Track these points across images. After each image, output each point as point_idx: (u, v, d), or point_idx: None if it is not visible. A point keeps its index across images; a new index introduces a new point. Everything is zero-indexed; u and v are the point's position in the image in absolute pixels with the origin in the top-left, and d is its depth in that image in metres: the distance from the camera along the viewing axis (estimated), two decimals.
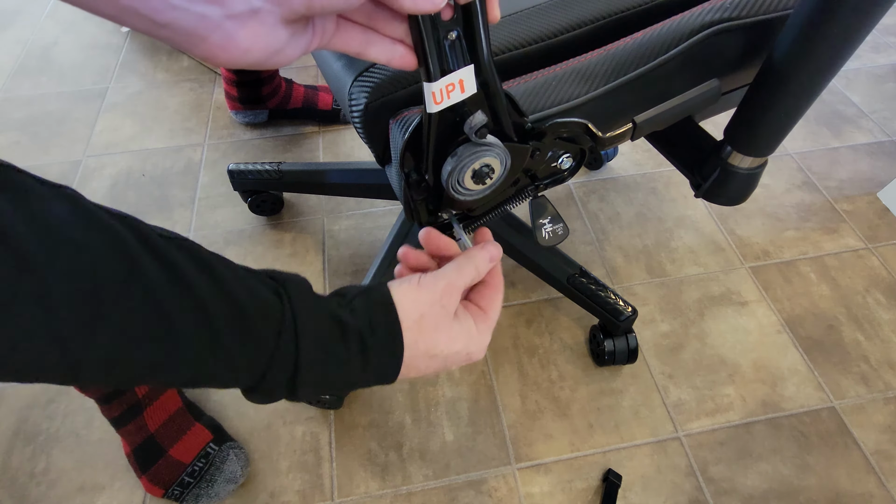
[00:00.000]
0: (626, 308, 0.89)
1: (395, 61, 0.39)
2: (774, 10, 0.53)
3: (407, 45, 0.38)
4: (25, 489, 0.83)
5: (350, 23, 0.38)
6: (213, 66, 0.27)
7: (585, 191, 1.21)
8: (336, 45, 0.38)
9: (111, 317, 0.29)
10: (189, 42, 0.32)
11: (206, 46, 0.32)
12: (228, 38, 0.32)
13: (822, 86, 0.51)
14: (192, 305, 0.32)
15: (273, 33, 0.34)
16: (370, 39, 0.38)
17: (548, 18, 0.55)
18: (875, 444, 0.87)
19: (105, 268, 0.29)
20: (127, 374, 0.32)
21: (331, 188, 1.09)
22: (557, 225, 0.56)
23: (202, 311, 0.32)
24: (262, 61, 0.35)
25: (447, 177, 0.45)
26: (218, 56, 0.33)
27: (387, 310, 0.40)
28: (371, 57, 0.39)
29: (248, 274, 0.37)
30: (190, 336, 0.32)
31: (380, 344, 0.39)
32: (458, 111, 0.42)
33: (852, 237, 1.12)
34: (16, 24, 1.63)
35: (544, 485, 0.83)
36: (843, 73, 1.45)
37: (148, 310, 0.30)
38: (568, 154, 0.52)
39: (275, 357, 0.36)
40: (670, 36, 0.52)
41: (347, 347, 0.38)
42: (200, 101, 1.40)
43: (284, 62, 0.36)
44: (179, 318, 0.31)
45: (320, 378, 0.38)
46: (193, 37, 0.32)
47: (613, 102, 0.52)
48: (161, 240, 0.33)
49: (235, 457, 0.83)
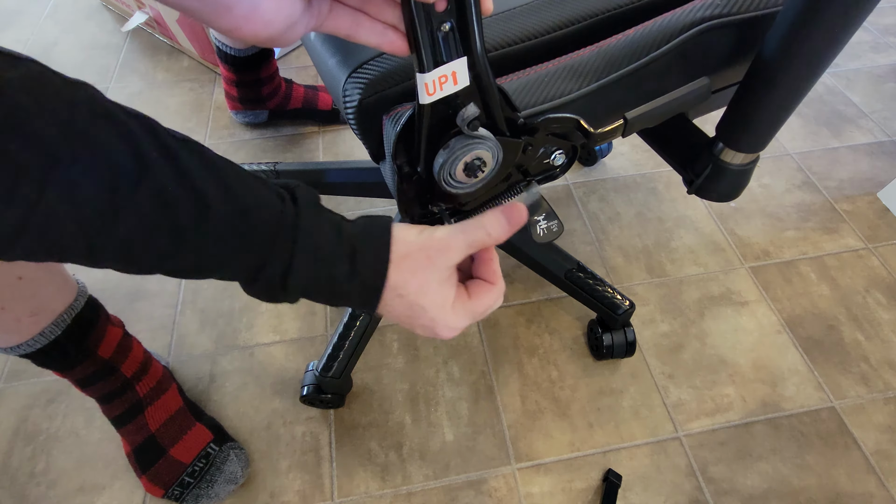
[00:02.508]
0: (624, 302, 0.89)
1: (386, 45, 0.39)
2: (764, 8, 0.53)
3: (398, 30, 0.39)
4: (25, 489, 0.83)
5: (342, 5, 0.39)
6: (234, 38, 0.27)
7: (585, 191, 1.20)
8: (328, 27, 0.39)
9: (126, 208, 0.31)
10: (216, 12, 0.34)
11: (232, 17, 0.34)
12: (253, 8, 0.34)
13: (812, 82, 0.51)
14: (195, 200, 0.34)
15: (291, 5, 0.35)
16: (360, 22, 0.39)
17: (540, 15, 0.55)
18: (875, 444, 0.86)
19: (122, 163, 0.31)
20: (137, 260, 0.34)
21: (328, 188, 1.09)
22: (552, 222, 0.56)
23: (204, 205, 0.34)
24: (279, 35, 0.36)
25: (439, 169, 0.45)
26: (241, 27, 0.35)
27: (382, 234, 0.41)
28: (361, 39, 0.40)
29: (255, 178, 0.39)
30: (193, 228, 0.34)
31: (367, 257, 0.40)
32: (451, 103, 0.42)
33: (852, 237, 1.11)
34: (16, 24, 1.63)
35: (544, 485, 0.83)
36: (843, 73, 1.45)
37: (157, 203, 0.32)
38: (560, 151, 0.52)
39: (274, 247, 0.37)
40: (661, 33, 0.52)
41: (339, 246, 0.39)
42: (200, 101, 1.41)
43: (294, 39, 0.38)
44: (184, 211, 0.33)
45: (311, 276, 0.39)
46: (220, 6, 0.33)
47: (605, 99, 0.53)
48: (172, 140, 0.34)
49: (236, 457, 0.83)
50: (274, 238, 0.37)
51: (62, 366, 0.74)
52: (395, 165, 0.48)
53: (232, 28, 0.35)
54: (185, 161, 0.34)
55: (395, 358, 0.96)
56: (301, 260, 0.38)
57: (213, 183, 0.35)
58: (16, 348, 0.67)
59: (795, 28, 0.47)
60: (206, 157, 0.36)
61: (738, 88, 0.56)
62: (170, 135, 0.34)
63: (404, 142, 0.46)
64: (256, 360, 0.96)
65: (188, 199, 0.33)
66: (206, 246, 0.35)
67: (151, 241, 0.33)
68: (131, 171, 0.31)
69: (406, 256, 0.41)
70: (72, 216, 0.30)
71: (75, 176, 0.29)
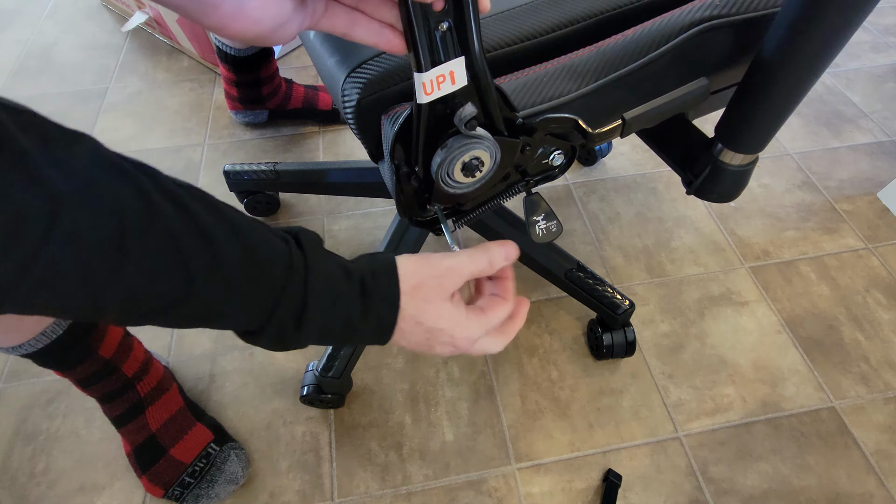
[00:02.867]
0: (624, 301, 0.89)
1: (383, 44, 0.40)
2: (763, 8, 0.53)
3: (395, 29, 0.39)
4: (25, 489, 0.83)
5: (338, 4, 0.39)
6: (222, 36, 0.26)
7: (585, 191, 1.20)
8: (324, 26, 0.39)
9: (133, 256, 0.30)
10: (202, 10, 0.33)
11: (218, 15, 0.33)
12: (239, 7, 0.33)
13: (811, 83, 0.51)
14: (205, 246, 0.33)
15: (280, 4, 0.35)
16: (357, 20, 0.39)
17: (539, 16, 0.55)
18: (875, 444, 0.86)
19: (128, 209, 0.30)
20: (143, 309, 0.33)
21: (327, 188, 1.09)
22: (551, 222, 0.56)
23: (215, 252, 0.34)
24: (268, 34, 0.36)
25: (437, 169, 0.45)
26: (229, 26, 0.34)
27: (388, 269, 0.42)
28: (357, 38, 0.40)
29: (259, 223, 0.38)
30: (204, 275, 0.33)
31: (379, 292, 0.41)
32: (449, 103, 0.42)
33: (852, 237, 1.11)
34: (16, 24, 1.63)
35: (544, 485, 0.83)
36: (843, 73, 1.45)
37: (166, 250, 0.32)
38: (559, 151, 0.52)
39: (285, 293, 0.37)
40: (660, 33, 0.52)
41: (350, 288, 0.40)
42: (200, 101, 1.41)
43: (285, 39, 0.37)
44: (195, 257, 0.33)
45: (326, 315, 0.39)
46: (207, 5, 0.33)
47: (604, 99, 0.53)
48: (177, 187, 0.34)
49: (236, 457, 0.83)
50: (285, 279, 0.37)
51: (63, 365, 0.74)
52: (393, 165, 0.48)
53: (219, 26, 0.34)
54: (191, 205, 0.33)
55: (395, 358, 0.96)
56: (315, 300, 0.38)
57: (221, 226, 0.35)
58: (18, 348, 0.67)
59: (794, 29, 0.47)
60: (211, 202, 0.36)
61: (738, 89, 0.56)
62: (173, 181, 0.34)
63: (402, 141, 0.47)
64: (256, 360, 0.96)
65: (197, 243, 0.33)
66: (216, 289, 0.34)
67: (159, 287, 0.32)
68: (138, 217, 0.30)
69: (419, 286, 0.42)
70: (76, 262, 0.29)
71: (81, 221, 0.28)
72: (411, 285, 0.42)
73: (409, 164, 0.48)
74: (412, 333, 0.43)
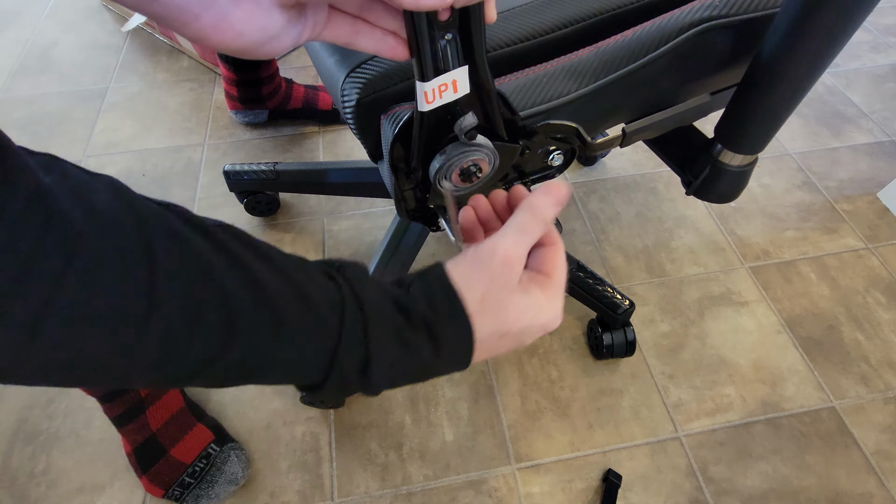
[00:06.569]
0: (624, 301, 0.90)
1: (386, 52, 0.38)
2: (762, 9, 0.53)
3: (398, 36, 0.38)
4: (25, 489, 0.83)
5: (341, 14, 0.37)
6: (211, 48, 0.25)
7: (585, 191, 1.20)
8: (326, 36, 0.38)
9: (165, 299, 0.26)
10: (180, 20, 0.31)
11: (199, 26, 0.31)
12: (222, 18, 0.31)
13: (811, 83, 0.51)
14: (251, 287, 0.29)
15: (268, 16, 0.32)
16: (359, 29, 0.37)
17: (540, 16, 0.55)
18: (875, 444, 0.86)
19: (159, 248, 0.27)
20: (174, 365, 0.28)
21: (327, 188, 1.09)
22: None
23: (262, 293, 0.30)
24: (255, 48, 0.33)
25: (434, 173, 0.45)
26: (210, 37, 0.32)
27: (449, 296, 0.36)
28: (360, 46, 0.38)
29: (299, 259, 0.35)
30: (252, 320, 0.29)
31: (447, 332, 0.36)
32: (450, 109, 0.42)
33: (852, 237, 1.11)
34: (16, 24, 1.63)
35: (544, 485, 0.83)
36: (843, 73, 1.45)
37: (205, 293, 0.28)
38: (559, 151, 0.52)
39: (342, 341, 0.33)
40: (659, 34, 0.52)
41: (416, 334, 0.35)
42: (200, 101, 1.41)
43: (276, 52, 0.35)
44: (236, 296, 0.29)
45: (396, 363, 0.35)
46: (186, 14, 0.30)
47: (604, 99, 0.53)
48: (209, 223, 0.30)
49: (237, 458, 0.83)
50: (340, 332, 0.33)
51: None
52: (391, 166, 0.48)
53: (200, 37, 0.32)
54: (227, 243, 0.30)
55: None
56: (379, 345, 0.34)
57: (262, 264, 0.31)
58: None
59: (793, 29, 0.47)
60: (246, 239, 0.32)
61: (737, 90, 0.56)
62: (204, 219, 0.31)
63: (402, 142, 0.46)
64: None
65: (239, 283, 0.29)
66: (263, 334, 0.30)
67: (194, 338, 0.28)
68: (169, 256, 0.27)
69: (485, 297, 0.36)
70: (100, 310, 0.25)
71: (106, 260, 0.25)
72: (476, 302, 0.36)
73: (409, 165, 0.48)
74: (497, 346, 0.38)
